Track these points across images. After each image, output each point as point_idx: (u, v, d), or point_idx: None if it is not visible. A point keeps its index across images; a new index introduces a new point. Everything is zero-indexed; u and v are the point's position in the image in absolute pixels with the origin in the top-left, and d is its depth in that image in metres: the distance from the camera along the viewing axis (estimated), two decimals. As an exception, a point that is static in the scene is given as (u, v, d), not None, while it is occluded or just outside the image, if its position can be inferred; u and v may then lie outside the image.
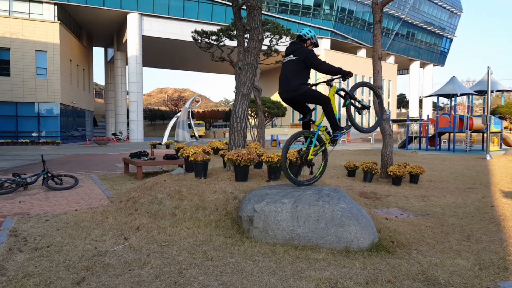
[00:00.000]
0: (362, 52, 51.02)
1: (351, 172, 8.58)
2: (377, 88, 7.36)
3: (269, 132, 30.99)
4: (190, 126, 25.88)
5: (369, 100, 45.82)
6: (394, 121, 30.58)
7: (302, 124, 4.66)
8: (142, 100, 39.64)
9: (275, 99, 26.61)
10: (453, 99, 22.42)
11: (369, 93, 48.14)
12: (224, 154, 6.06)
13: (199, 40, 18.32)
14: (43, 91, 31.62)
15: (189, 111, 25.39)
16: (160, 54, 46.55)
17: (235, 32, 14.91)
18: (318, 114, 4.69)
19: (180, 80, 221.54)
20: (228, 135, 8.60)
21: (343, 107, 4.48)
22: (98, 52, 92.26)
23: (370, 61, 8.93)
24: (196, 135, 28.05)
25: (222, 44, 18.49)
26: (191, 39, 19.21)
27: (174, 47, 41.94)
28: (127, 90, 41.91)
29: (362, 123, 46.28)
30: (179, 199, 4.98)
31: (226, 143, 9.48)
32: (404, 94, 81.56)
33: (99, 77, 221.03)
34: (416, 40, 56.08)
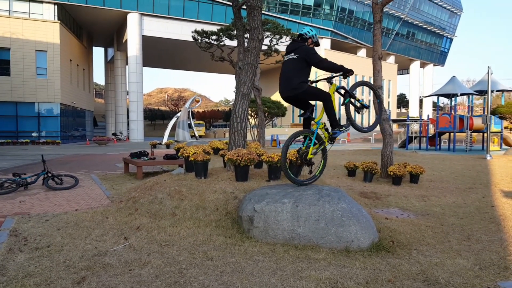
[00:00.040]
0: (362, 52, 51.01)
1: (351, 172, 8.59)
2: (377, 88, 7.36)
3: (269, 132, 31.00)
4: (190, 126, 25.90)
5: (369, 100, 45.79)
6: (394, 121, 30.56)
7: (302, 120, 4.65)
8: (142, 100, 39.64)
9: (275, 99, 26.62)
10: (453, 99, 22.41)
11: (369, 93, 48.13)
12: (224, 154, 6.06)
13: (199, 40, 18.31)
14: (43, 91, 31.64)
15: (189, 111, 25.40)
16: (160, 54, 46.56)
17: (235, 32, 14.90)
18: (318, 111, 4.68)
19: (180, 80, 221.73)
20: (228, 135, 8.59)
21: (342, 105, 4.47)
22: (98, 52, 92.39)
23: (370, 61, 8.93)
24: (196, 135, 28.07)
25: (222, 44, 18.49)
26: (191, 39, 19.20)
27: (174, 47, 41.95)
28: (127, 90, 41.91)
29: (362, 122, 46.28)
30: (179, 199, 4.98)
31: (226, 143, 9.47)
32: (404, 94, 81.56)
33: (99, 77, 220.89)
34: (416, 40, 56.06)
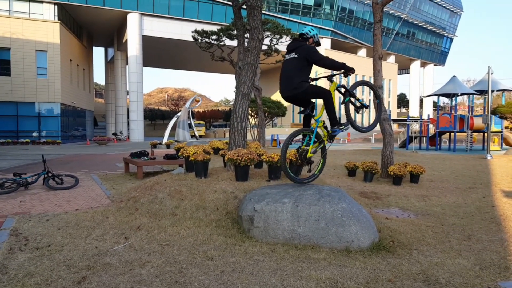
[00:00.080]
0: (363, 52, 50.99)
1: (352, 171, 8.59)
2: (377, 88, 7.36)
3: (269, 132, 30.99)
4: (190, 126, 25.91)
5: (369, 100, 45.80)
6: (394, 120, 30.50)
7: (302, 119, 4.65)
8: (142, 100, 39.64)
9: (276, 98, 26.62)
10: (453, 98, 22.39)
11: (369, 92, 48.12)
12: (225, 153, 6.06)
13: (199, 40, 18.31)
14: (43, 91, 31.65)
15: (189, 111, 25.42)
16: (160, 54, 46.56)
17: (235, 31, 14.89)
18: (317, 108, 4.68)
19: (180, 80, 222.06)
20: (228, 134, 8.59)
21: (342, 104, 4.46)
22: (98, 52, 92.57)
23: (371, 60, 8.92)
24: (196, 134, 28.11)
25: (222, 43, 18.48)
26: (191, 39, 19.20)
27: (174, 47, 41.94)
28: (127, 90, 41.91)
29: (363, 122, 46.28)
30: (180, 199, 4.98)
31: (226, 142, 9.47)
32: (405, 94, 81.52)
33: (99, 77, 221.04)
34: (416, 39, 56.03)
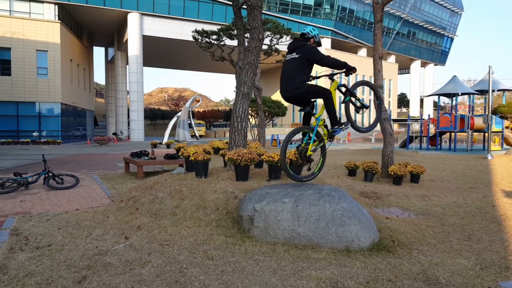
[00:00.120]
0: (363, 52, 50.98)
1: (352, 171, 8.58)
2: (377, 88, 7.35)
3: (269, 132, 30.98)
4: (190, 126, 25.93)
5: (369, 100, 45.78)
6: (395, 120, 30.55)
7: (302, 118, 4.66)
8: (142, 99, 39.66)
9: (276, 98, 26.61)
10: (454, 98, 22.39)
11: (369, 92, 48.09)
12: (225, 153, 6.06)
13: (200, 40, 18.30)
14: (44, 90, 31.67)
15: (189, 111, 25.44)
16: (160, 53, 46.56)
17: (235, 31, 14.90)
18: (318, 107, 4.69)
19: (180, 79, 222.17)
20: (228, 134, 8.60)
21: (342, 103, 4.46)
22: (99, 52, 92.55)
23: (371, 60, 8.91)
24: (197, 134, 28.14)
25: (222, 43, 18.48)
26: (191, 39, 19.20)
27: (175, 46, 41.96)
28: (128, 89, 41.93)
29: (363, 122, 46.26)
30: (180, 199, 4.98)
31: (226, 142, 9.48)
32: (405, 94, 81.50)
33: (99, 76, 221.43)
34: (417, 39, 56.00)
